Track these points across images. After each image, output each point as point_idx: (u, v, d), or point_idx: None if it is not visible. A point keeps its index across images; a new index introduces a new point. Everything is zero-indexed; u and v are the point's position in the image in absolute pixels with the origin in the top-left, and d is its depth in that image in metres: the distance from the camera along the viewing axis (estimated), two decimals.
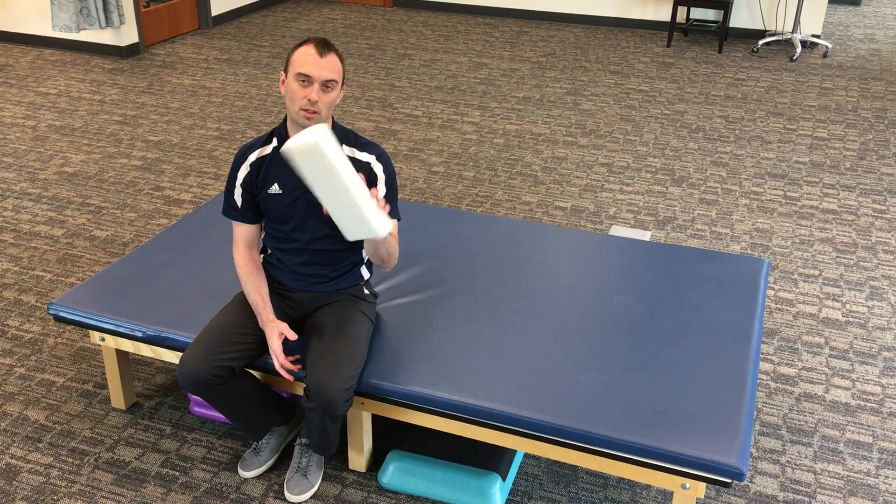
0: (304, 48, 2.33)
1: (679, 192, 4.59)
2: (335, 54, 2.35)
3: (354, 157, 2.47)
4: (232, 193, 2.51)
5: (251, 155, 2.49)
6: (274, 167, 2.46)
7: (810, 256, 3.99)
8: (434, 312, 2.72)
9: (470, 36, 7.52)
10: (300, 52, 2.33)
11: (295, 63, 2.32)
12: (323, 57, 2.31)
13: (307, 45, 2.33)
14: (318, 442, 2.52)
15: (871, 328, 3.48)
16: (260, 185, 2.47)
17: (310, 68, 2.30)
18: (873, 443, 2.87)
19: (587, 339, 2.61)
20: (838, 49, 7.27)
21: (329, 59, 2.32)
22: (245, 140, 5.15)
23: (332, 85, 2.34)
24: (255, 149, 2.49)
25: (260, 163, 2.47)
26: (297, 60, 2.32)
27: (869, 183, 4.76)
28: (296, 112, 2.34)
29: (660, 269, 3.00)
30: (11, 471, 2.68)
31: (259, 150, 2.48)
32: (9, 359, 3.20)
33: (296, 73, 2.31)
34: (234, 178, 2.50)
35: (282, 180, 2.45)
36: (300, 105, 2.32)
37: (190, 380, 2.37)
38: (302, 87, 2.32)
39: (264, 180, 2.47)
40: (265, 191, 2.47)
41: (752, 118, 5.67)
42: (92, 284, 2.84)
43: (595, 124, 5.52)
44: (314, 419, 2.42)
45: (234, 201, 2.51)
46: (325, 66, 2.31)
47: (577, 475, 2.70)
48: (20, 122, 5.43)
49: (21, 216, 4.25)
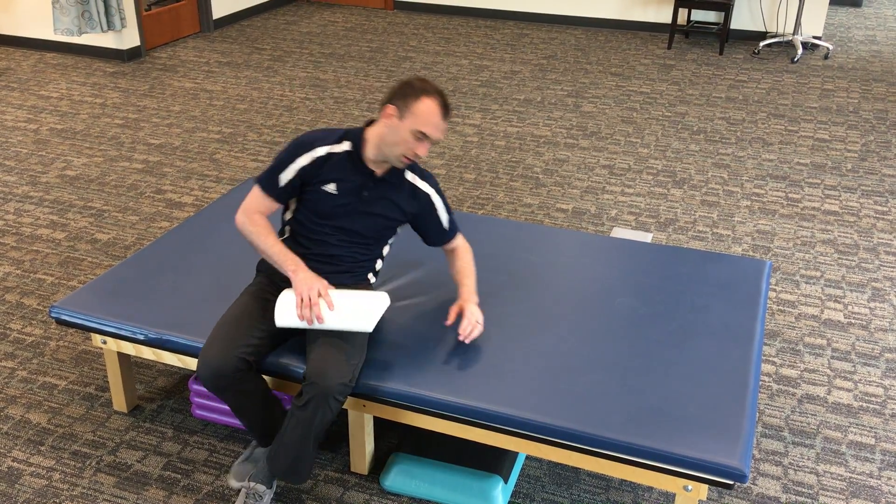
0: (431, 104, 2.37)
1: (680, 193, 4.59)
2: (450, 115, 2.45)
3: (416, 184, 2.58)
4: (280, 171, 2.49)
5: (320, 148, 2.49)
6: (338, 167, 2.49)
7: (812, 258, 3.99)
8: (435, 315, 2.72)
9: (471, 38, 7.53)
10: (426, 108, 2.37)
11: (418, 116, 2.37)
12: (444, 120, 2.41)
13: (434, 100, 2.38)
14: (291, 460, 2.40)
15: (873, 330, 3.47)
16: (318, 178, 2.49)
17: (432, 130, 2.38)
18: (876, 444, 2.87)
19: (589, 340, 2.61)
20: (839, 50, 7.27)
21: (447, 122, 2.44)
22: (246, 143, 5.16)
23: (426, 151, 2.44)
24: (325, 144, 2.50)
25: (326, 159, 2.49)
26: (422, 116, 2.37)
27: (870, 184, 4.75)
28: (397, 155, 2.42)
29: (661, 270, 3.00)
30: (13, 474, 2.68)
31: (329, 147, 2.50)
32: (11, 362, 3.21)
33: (416, 130, 2.37)
34: (292, 161, 2.49)
35: (341, 182, 2.49)
36: (405, 153, 2.41)
37: (212, 373, 2.35)
38: (415, 140, 2.39)
39: (324, 176, 2.49)
40: (321, 186, 2.49)
41: (753, 120, 5.67)
42: (94, 287, 2.85)
43: (596, 126, 5.52)
44: (299, 420, 2.34)
45: (278, 179, 2.49)
46: (442, 129, 2.42)
47: (579, 477, 2.70)
48: (22, 125, 5.44)
49: (23, 219, 4.26)
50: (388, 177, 2.53)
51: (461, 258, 2.70)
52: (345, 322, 2.38)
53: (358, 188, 2.50)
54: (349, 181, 2.49)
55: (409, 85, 2.40)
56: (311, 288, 2.36)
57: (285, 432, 2.38)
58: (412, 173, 2.58)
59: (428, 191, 2.60)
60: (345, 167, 2.49)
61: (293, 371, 2.50)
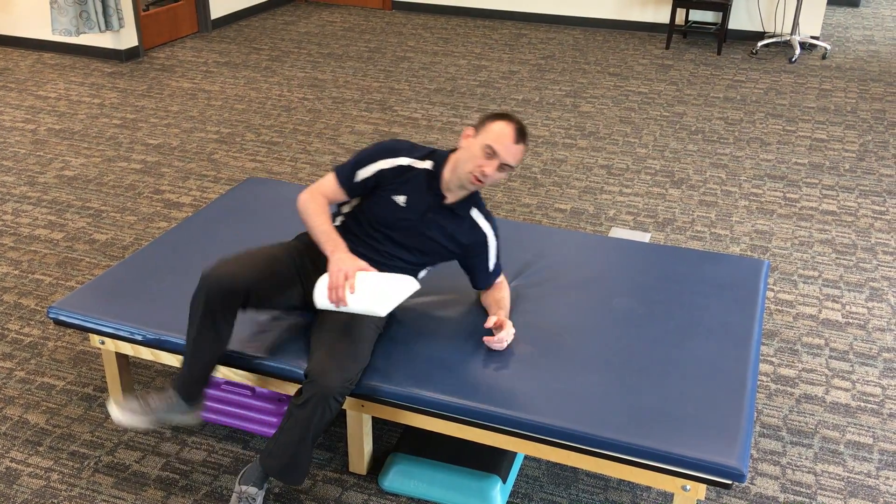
0: (505, 125, 2.43)
1: (678, 193, 4.60)
2: (525, 145, 2.48)
3: (478, 222, 2.61)
4: (360, 167, 2.53)
5: (403, 158, 2.54)
6: (413, 182, 2.53)
7: (810, 258, 4.00)
8: (434, 315, 2.72)
9: (469, 38, 7.53)
10: (500, 127, 2.43)
11: (490, 134, 2.43)
12: (516, 144, 2.44)
13: (509, 123, 2.44)
14: (288, 459, 2.37)
15: (870, 329, 3.48)
16: (391, 186, 2.53)
17: (500, 148, 2.41)
18: (874, 444, 2.87)
19: (587, 340, 2.61)
20: (837, 51, 7.27)
21: (519, 147, 2.45)
22: (245, 143, 5.16)
23: (507, 168, 2.46)
24: (409, 156, 2.55)
25: (406, 170, 2.54)
26: (494, 134, 2.42)
27: (868, 184, 4.76)
28: (466, 173, 2.46)
29: (659, 270, 3.00)
30: (11, 474, 2.68)
31: (412, 161, 2.55)
32: (9, 362, 3.20)
33: (486, 144, 2.42)
34: (374, 161, 2.53)
35: (411, 198, 2.53)
36: (473, 170, 2.44)
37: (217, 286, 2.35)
38: (485, 157, 2.43)
39: (397, 186, 2.53)
40: (391, 195, 2.53)
41: (751, 120, 5.67)
42: (92, 288, 2.85)
43: (594, 126, 5.52)
44: (297, 419, 2.33)
45: (356, 174, 2.53)
46: (513, 152, 2.44)
47: (578, 477, 2.70)
48: (20, 125, 5.43)
49: (21, 220, 4.25)
50: (455, 207, 2.57)
51: (499, 290, 2.72)
52: (361, 303, 2.35)
53: (425, 208, 2.54)
54: (419, 199, 2.53)
55: (491, 112, 2.48)
56: (340, 270, 2.37)
57: (282, 431, 2.37)
58: (477, 210, 2.61)
59: (486, 231, 2.63)
60: (420, 184, 2.54)
61: (293, 372, 2.50)
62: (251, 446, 2.80)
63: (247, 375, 2.61)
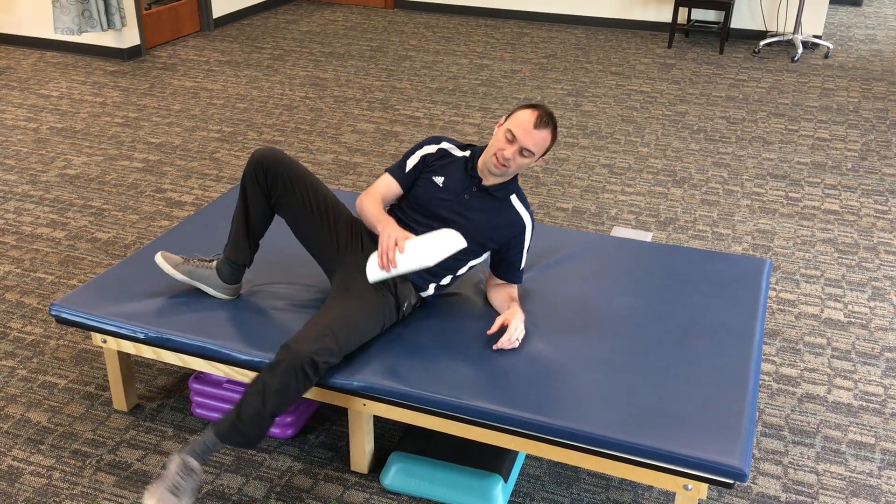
0: (528, 112, 2.52)
1: (680, 192, 4.59)
2: (549, 132, 2.54)
3: (518, 209, 2.67)
4: (408, 158, 2.73)
5: (445, 145, 2.73)
6: (451, 167, 2.68)
7: (812, 257, 3.99)
8: (436, 313, 2.72)
9: (471, 37, 7.53)
10: (523, 114, 2.52)
11: (512, 120, 2.53)
12: (536, 129, 2.50)
13: (534, 111, 2.52)
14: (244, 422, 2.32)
15: (873, 329, 3.47)
16: (431, 169, 2.69)
17: (519, 131, 2.50)
18: (876, 443, 2.87)
19: (589, 339, 2.61)
20: (839, 50, 7.27)
21: (540, 133, 2.51)
22: (247, 142, 5.16)
23: (528, 154, 2.54)
24: (451, 145, 2.73)
25: (446, 155, 2.71)
26: (516, 119, 2.53)
27: (871, 183, 4.75)
28: (489, 156, 2.57)
29: (661, 269, 3.00)
30: (13, 473, 2.68)
31: (452, 147, 2.72)
32: (11, 361, 3.21)
33: (508, 129, 2.52)
34: (419, 148, 2.73)
35: (448, 179, 2.66)
36: (495, 153, 2.55)
37: (270, 156, 2.61)
38: (506, 141, 2.53)
39: (437, 168, 2.69)
40: (431, 176, 2.68)
41: (753, 119, 5.67)
42: (94, 286, 2.85)
43: (596, 125, 5.52)
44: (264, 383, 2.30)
45: (405, 164, 2.72)
46: (531, 137, 2.50)
47: (579, 476, 2.70)
48: (22, 124, 5.44)
49: (23, 218, 4.26)
50: (492, 189, 2.64)
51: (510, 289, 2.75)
52: (410, 262, 2.47)
53: (462, 190, 2.64)
54: (456, 181, 2.66)
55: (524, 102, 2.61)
56: (390, 237, 2.49)
57: (245, 395, 2.34)
58: (517, 198, 2.68)
59: (525, 218, 2.68)
60: (458, 169, 2.67)
61: None
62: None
63: (249, 374, 2.61)
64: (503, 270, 2.73)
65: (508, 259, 2.70)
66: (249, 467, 2.71)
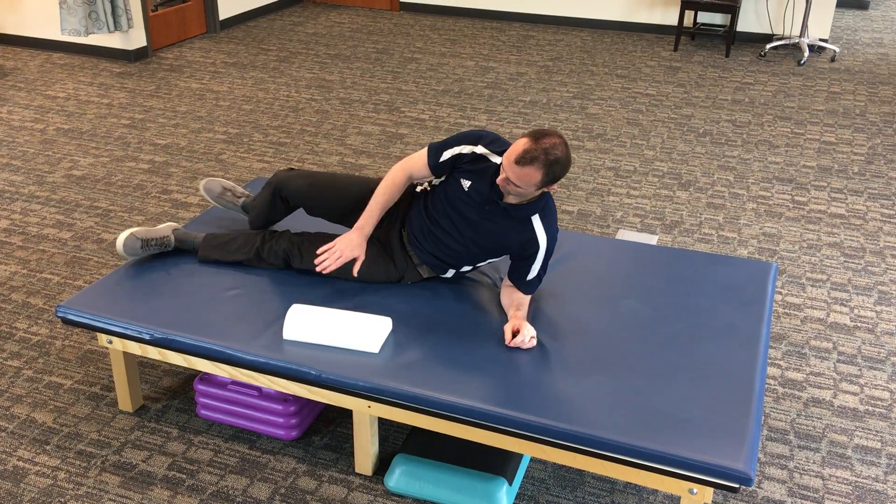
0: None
1: (686, 196, 4.59)
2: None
3: (535, 230, 2.63)
4: (446, 148, 2.70)
5: (481, 147, 2.66)
6: (480, 173, 2.64)
7: (818, 261, 3.98)
8: (440, 316, 2.72)
9: (476, 40, 7.53)
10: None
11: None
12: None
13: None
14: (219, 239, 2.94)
15: (879, 333, 3.46)
16: (462, 170, 2.68)
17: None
18: (882, 448, 2.86)
19: (594, 343, 2.61)
20: (846, 53, 7.25)
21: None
22: (252, 144, 5.17)
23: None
24: (488, 148, 2.66)
25: (480, 160, 2.66)
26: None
27: (877, 187, 4.74)
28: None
29: (667, 273, 2.99)
30: (19, 473, 2.69)
31: (487, 152, 2.65)
32: (17, 361, 3.21)
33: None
34: (457, 144, 2.69)
35: (475, 185, 2.64)
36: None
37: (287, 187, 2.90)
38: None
39: (467, 171, 2.67)
40: (460, 177, 2.68)
41: (759, 122, 5.66)
42: (100, 287, 2.85)
43: (602, 128, 5.51)
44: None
45: (442, 153, 2.71)
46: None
47: (584, 480, 2.69)
48: (29, 125, 5.45)
49: (29, 219, 4.27)
50: (511, 209, 2.62)
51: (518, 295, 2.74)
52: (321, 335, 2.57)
53: (483, 200, 2.64)
54: (481, 189, 2.64)
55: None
56: (345, 248, 2.65)
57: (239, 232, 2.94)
58: (539, 218, 2.64)
59: (540, 241, 2.64)
60: (485, 177, 2.63)
61: (301, 372, 2.50)
62: (257, 446, 2.80)
63: (255, 376, 2.61)
64: (514, 275, 2.73)
65: (520, 268, 2.70)
66: (254, 469, 2.71)
